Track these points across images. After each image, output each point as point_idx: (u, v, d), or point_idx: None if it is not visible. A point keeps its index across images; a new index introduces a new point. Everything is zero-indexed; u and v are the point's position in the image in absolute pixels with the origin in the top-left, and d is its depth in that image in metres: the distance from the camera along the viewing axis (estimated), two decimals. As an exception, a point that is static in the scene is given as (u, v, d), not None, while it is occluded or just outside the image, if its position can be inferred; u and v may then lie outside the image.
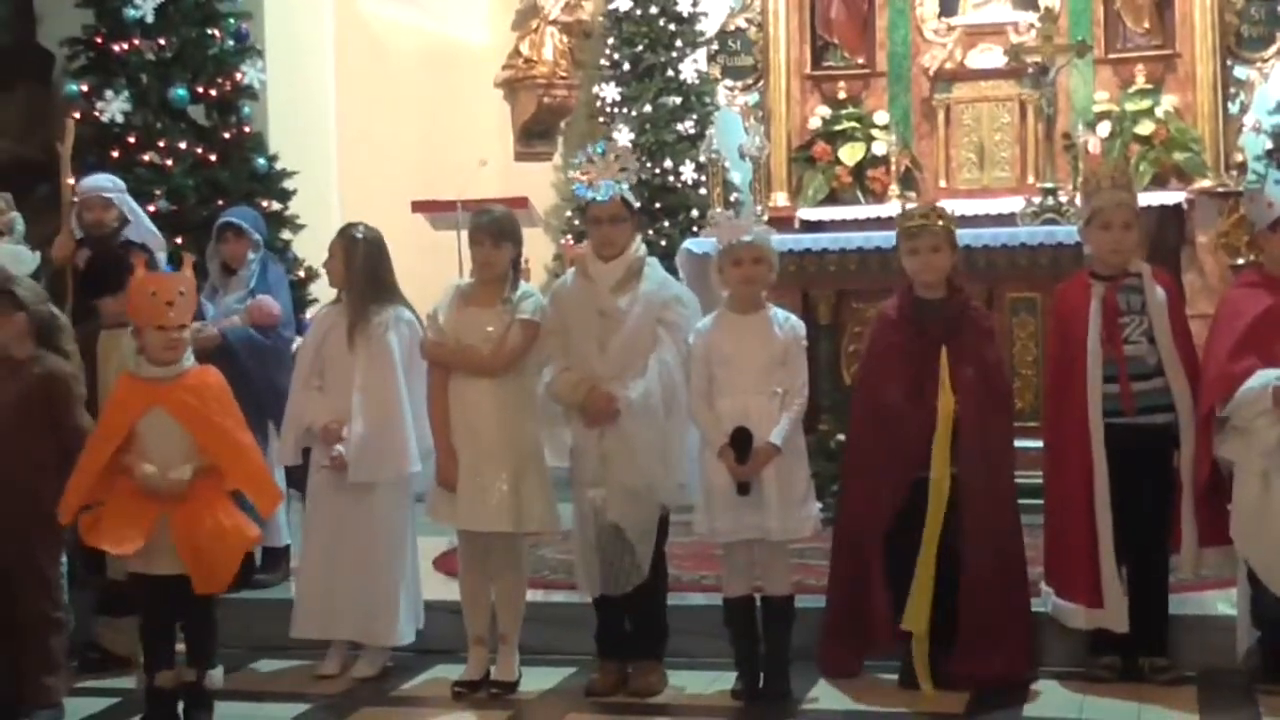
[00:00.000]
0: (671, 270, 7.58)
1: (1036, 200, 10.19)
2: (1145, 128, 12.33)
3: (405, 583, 6.79)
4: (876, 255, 8.90)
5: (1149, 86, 12.47)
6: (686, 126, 13.09)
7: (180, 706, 5.94)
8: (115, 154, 9.53)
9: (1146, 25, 12.62)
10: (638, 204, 6.64)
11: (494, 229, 6.50)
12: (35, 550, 6.09)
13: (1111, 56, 12.61)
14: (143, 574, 5.86)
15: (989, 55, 12.74)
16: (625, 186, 6.42)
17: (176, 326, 5.82)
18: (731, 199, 12.08)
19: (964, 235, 6.91)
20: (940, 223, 6.35)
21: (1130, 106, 12.42)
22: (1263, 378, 5.80)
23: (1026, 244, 8.77)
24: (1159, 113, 12.38)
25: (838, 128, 13.03)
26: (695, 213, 12.52)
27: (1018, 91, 12.54)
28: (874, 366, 6.58)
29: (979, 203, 12.14)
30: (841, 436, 7.06)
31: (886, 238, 8.26)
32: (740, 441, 5.96)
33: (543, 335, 6.40)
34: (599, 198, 6.36)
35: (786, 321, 6.29)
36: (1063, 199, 9.96)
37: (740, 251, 6.20)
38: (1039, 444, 6.51)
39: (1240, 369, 5.86)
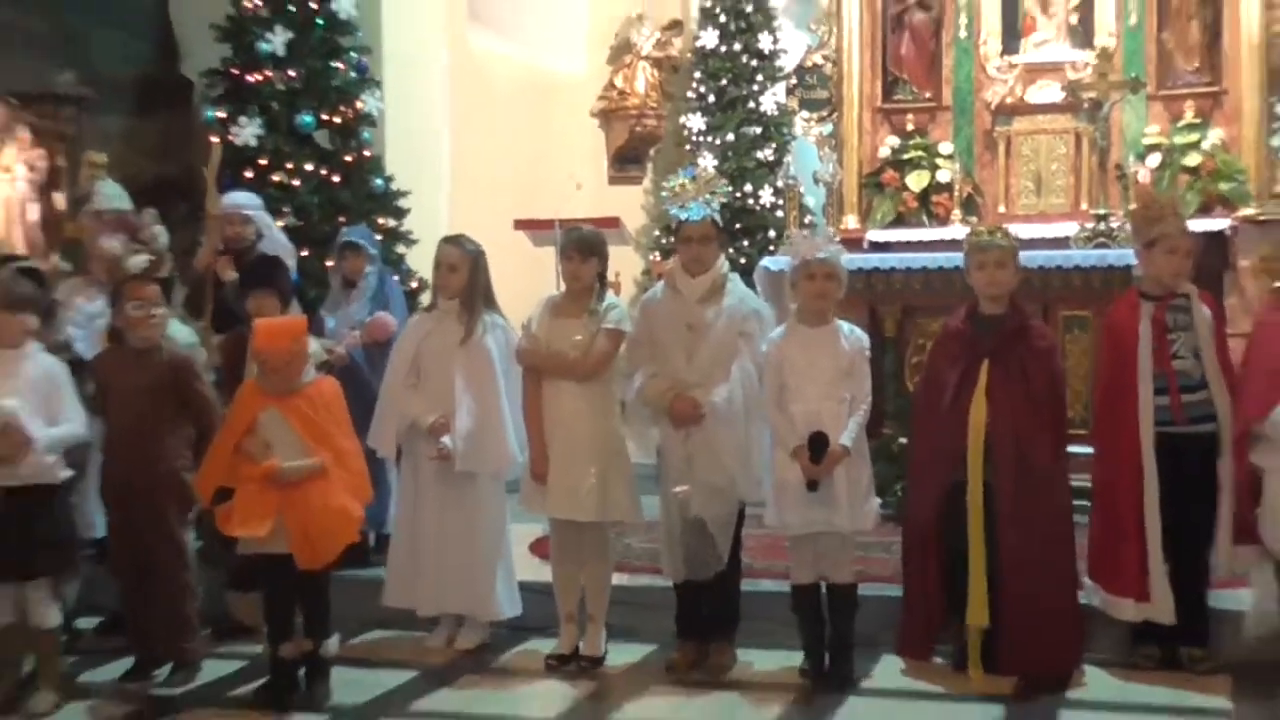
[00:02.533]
0: (750, 285, 7.60)
1: (1090, 225, 10.17)
2: (1193, 159, 12.13)
3: (503, 563, 6.87)
4: (939, 274, 8.92)
5: (1197, 121, 12.27)
6: (765, 154, 13.12)
7: (301, 672, 6.06)
8: (248, 174, 9.65)
9: (1196, 64, 12.46)
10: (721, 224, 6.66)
11: (582, 245, 6.58)
12: (169, 519, 6.21)
13: (1162, 93, 12.43)
14: (264, 554, 5.97)
15: (1047, 91, 12.56)
16: (714, 208, 6.49)
17: (270, 370, 5.96)
18: (806, 221, 12.04)
19: (1026, 256, 6.86)
20: (1006, 241, 6.38)
21: (1179, 139, 12.22)
22: None
23: (1080, 266, 8.74)
24: (1206, 145, 12.17)
25: (905, 156, 12.89)
26: (772, 233, 12.52)
27: (1073, 125, 12.37)
28: (930, 375, 6.62)
29: (1035, 227, 11.89)
30: (904, 440, 7.07)
31: (949, 258, 8.46)
32: (816, 444, 6.00)
33: (631, 344, 6.47)
34: (691, 218, 6.40)
35: (852, 334, 6.32)
36: (1114, 224, 9.92)
37: (814, 267, 6.22)
38: (1087, 450, 6.50)
39: (1266, 394, 5.84)
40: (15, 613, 5.90)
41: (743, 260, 11.79)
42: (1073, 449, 6.52)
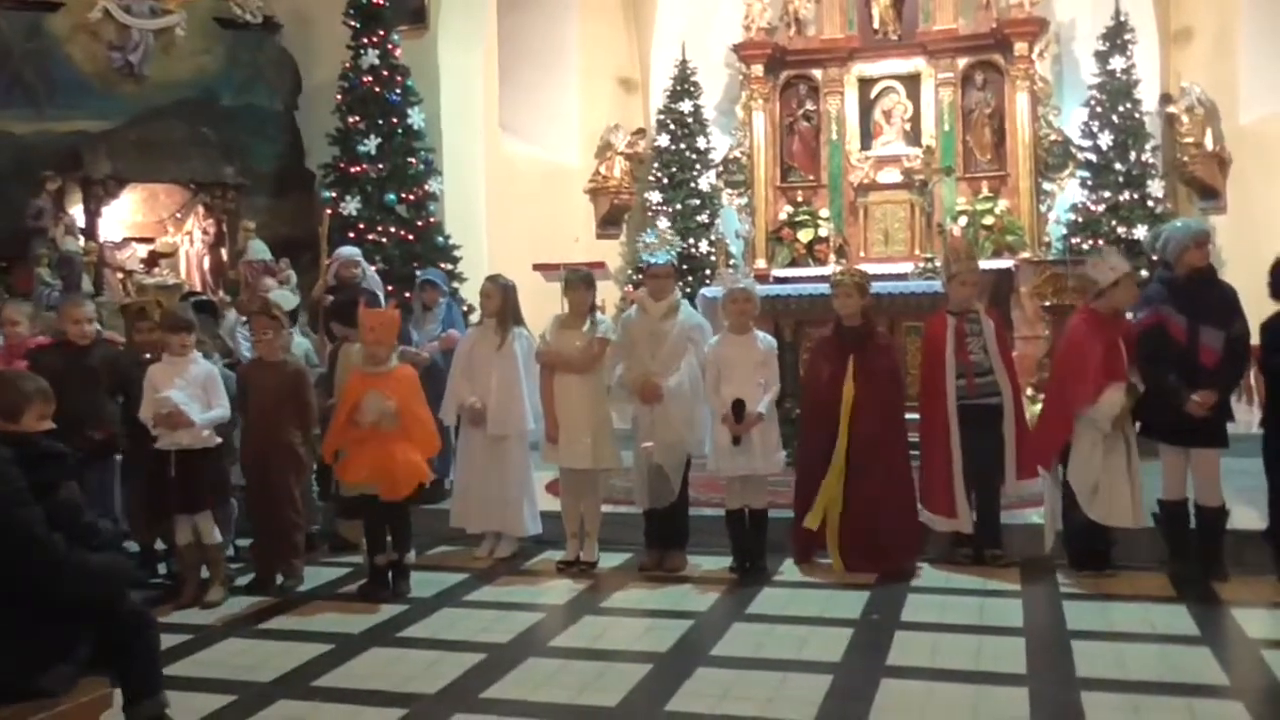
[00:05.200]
0: (694, 306, 7.50)
1: (921, 265, 10.14)
2: (989, 220, 12.27)
3: (528, 496, 6.73)
4: (820, 299, 8.74)
5: (990, 194, 12.42)
6: (702, 218, 13.04)
7: (389, 575, 5.95)
8: (351, 235, 9.52)
9: (989, 156, 12.60)
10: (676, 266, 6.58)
11: (580, 280, 6.52)
12: (289, 480, 6.08)
13: (967, 175, 12.57)
14: (364, 492, 5.87)
15: (890, 174, 12.68)
16: (673, 255, 6.44)
17: (374, 343, 5.86)
18: (730, 263, 12.09)
19: (878, 286, 6.87)
20: (850, 279, 6.32)
21: (979, 207, 12.37)
22: (1112, 398, 5.66)
23: (915, 292, 8.63)
24: (997, 210, 12.32)
25: (797, 219, 12.99)
26: (708, 272, 12.45)
27: (909, 197, 12.46)
28: (812, 367, 6.58)
29: (885, 266, 11.98)
30: (799, 411, 6.97)
31: (824, 289, 8.33)
32: (737, 409, 5.93)
33: (614, 348, 6.35)
34: (657, 261, 6.37)
35: (765, 339, 6.29)
36: (937, 264, 9.88)
37: (738, 294, 6.21)
38: (914, 416, 6.47)
39: (1095, 388, 5.70)
40: (192, 535, 5.79)
41: (687, 290, 11.67)
42: (910, 415, 6.46)
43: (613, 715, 4.11)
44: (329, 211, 9.31)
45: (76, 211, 9.36)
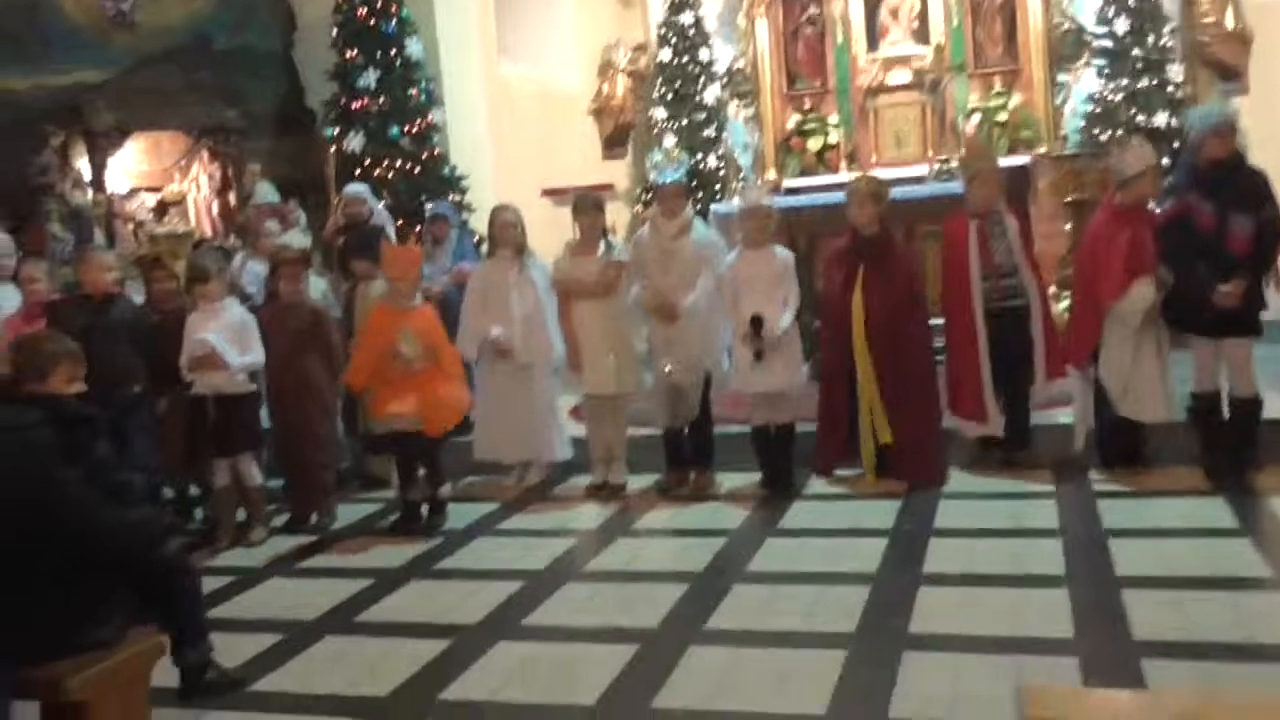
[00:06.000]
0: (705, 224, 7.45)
1: (937, 167, 10.01)
2: (1002, 116, 12.09)
3: (555, 422, 6.72)
4: (833, 209, 8.66)
5: (1003, 90, 12.22)
6: (709, 133, 12.85)
7: (424, 510, 5.98)
8: (357, 172, 9.39)
9: (1000, 50, 12.38)
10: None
11: (590, 204, 6.46)
12: (316, 420, 6.11)
13: (978, 71, 12.34)
14: (397, 429, 5.88)
15: (900, 74, 12.46)
16: (681, 173, 6.34)
17: (398, 279, 5.86)
18: (740, 177, 11.97)
19: (895, 191, 6.71)
20: (866, 187, 6.22)
21: (992, 103, 12.18)
22: (1140, 292, 5.58)
23: (932, 195, 8.51)
24: (1010, 105, 12.13)
25: (806, 127, 12.82)
26: (718, 187, 12.34)
27: (919, 98, 12.28)
28: (827, 279, 6.50)
29: (898, 170, 11.85)
30: (817, 323, 6.93)
31: (838, 198, 8.25)
32: (756, 324, 5.89)
33: (628, 268, 6.31)
34: (666, 179, 6.27)
35: (783, 253, 6.20)
36: (953, 165, 9.76)
37: (755, 210, 6.13)
38: (938, 321, 6.38)
39: (1122, 283, 5.62)
40: (231, 477, 5.86)
41: (699, 207, 11.59)
42: (933, 321, 6.39)
43: (655, 636, 4.15)
44: (333, 149, 9.22)
45: (82, 165, 9.31)
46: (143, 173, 10.14)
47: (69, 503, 3.07)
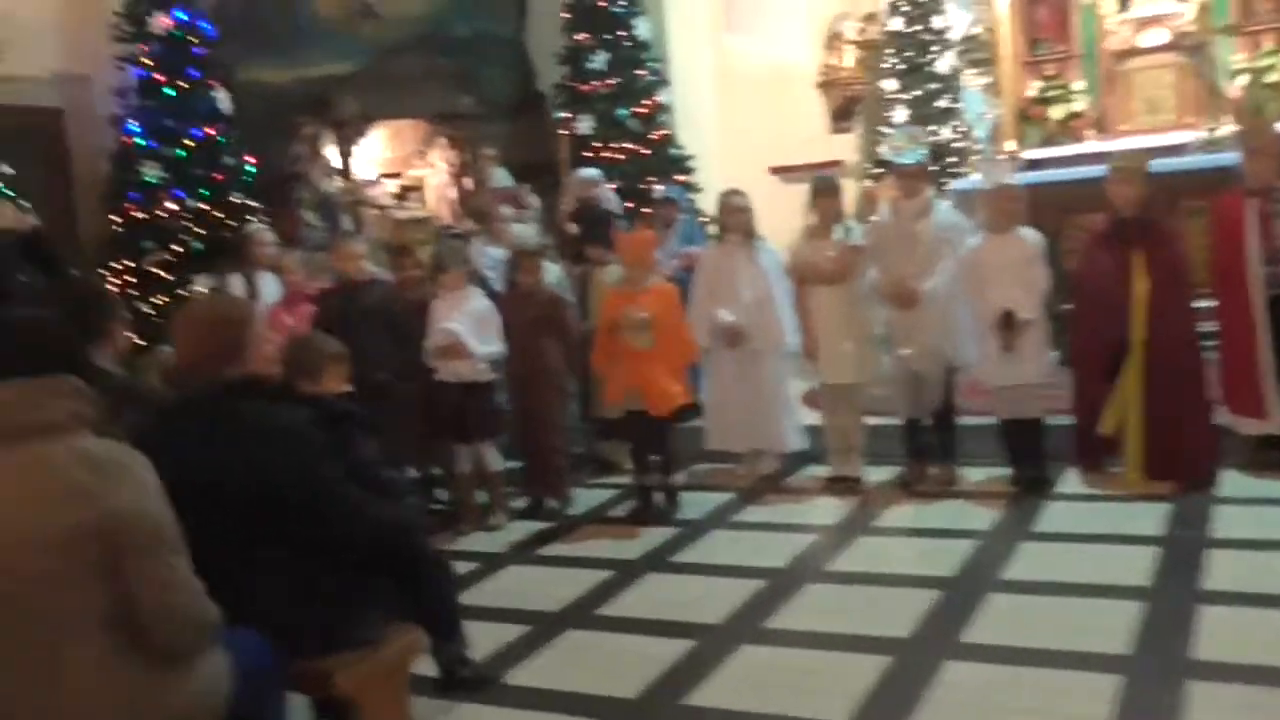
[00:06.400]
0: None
1: (1203, 135, 9.20)
2: (1273, 77, 11.07)
3: (788, 410, 6.55)
4: (1083, 185, 8.18)
5: (1275, 48, 11.19)
6: (942, 104, 12.38)
7: (656, 497, 5.94)
8: (587, 155, 9.44)
9: (1271, 4, 11.34)
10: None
11: (828, 188, 6.25)
12: (553, 406, 6.13)
13: (1245, 29, 11.35)
14: (632, 410, 5.86)
15: (1154, 35, 11.57)
16: (922, 153, 6.03)
17: (632, 264, 5.84)
18: (979, 152, 11.47)
19: (1154, 164, 6.12)
20: (1133, 164, 5.73)
21: (1262, 64, 11.17)
22: None
23: (1198, 168, 7.84)
24: None
25: (1048, 94, 12.11)
26: (952, 159, 11.84)
27: (1175, 60, 11.36)
28: (1088, 263, 5.94)
29: (1151, 138, 11.04)
30: (1069, 309, 6.47)
31: (1088, 172, 7.66)
32: (1006, 318, 5.57)
33: (867, 252, 6.05)
34: (905, 161, 5.98)
35: (1031, 236, 5.82)
36: (1219, 134, 9.00)
37: (1003, 191, 5.77)
38: (1206, 304, 5.85)
39: None
40: (473, 462, 5.95)
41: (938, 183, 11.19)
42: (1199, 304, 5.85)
43: (906, 647, 3.94)
44: (563, 133, 9.27)
45: (330, 154, 9.70)
46: (385, 159, 10.50)
47: (334, 500, 3.11)
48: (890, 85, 12.50)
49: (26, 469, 2.38)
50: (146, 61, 8.04)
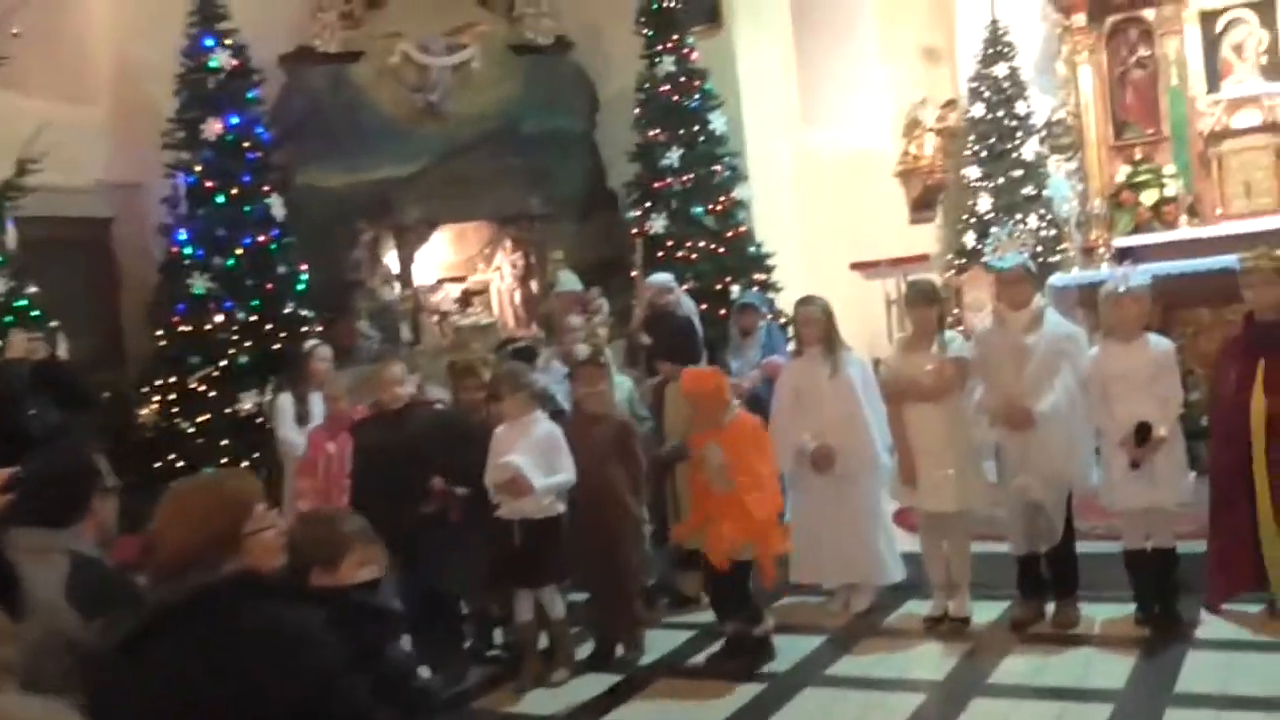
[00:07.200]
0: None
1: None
2: None
3: (885, 537, 5.88)
4: (1189, 278, 7.55)
5: None
6: (1028, 191, 11.74)
7: (740, 644, 5.24)
8: (660, 254, 8.96)
9: None
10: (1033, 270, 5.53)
11: (924, 296, 5.58)
12: (625, 541, 5.46)
13: None
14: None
15: (1248, 115, 11.05)
16: (1025, 256, 5.38)
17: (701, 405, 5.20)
18: (1065, 238, 10.91)
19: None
20: (1268, 263, 5.03)
21: None
22: None
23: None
24: None
25: (1137, 179, 11.51)
26: (1038, 248, 11.12)
27: (1273, 141, 10.85)
28: (1220, 371, 5.30)
29: (1249, 223, 10.52)
30: (1206, 423, 5.73)
31: (1201, 265, 7.46)
32: (1141, 431, 4.90)
33: (971, 366, 5.40)
34: (1004, 266, 5.34)
35: (1160, 343, 5.19)
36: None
37: (1128, 294, 5.11)
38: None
39: None
40: (534, 610, 5.31)
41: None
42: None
43: None
44: (636, 233, 8.79)
45: (391, 259, 9.29)
46: (448, 263, 10.07)
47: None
48: (973, 173, 11.92)
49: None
50: (197, 168, 7.69)
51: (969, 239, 11.11)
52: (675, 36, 9.45)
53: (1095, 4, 11.60)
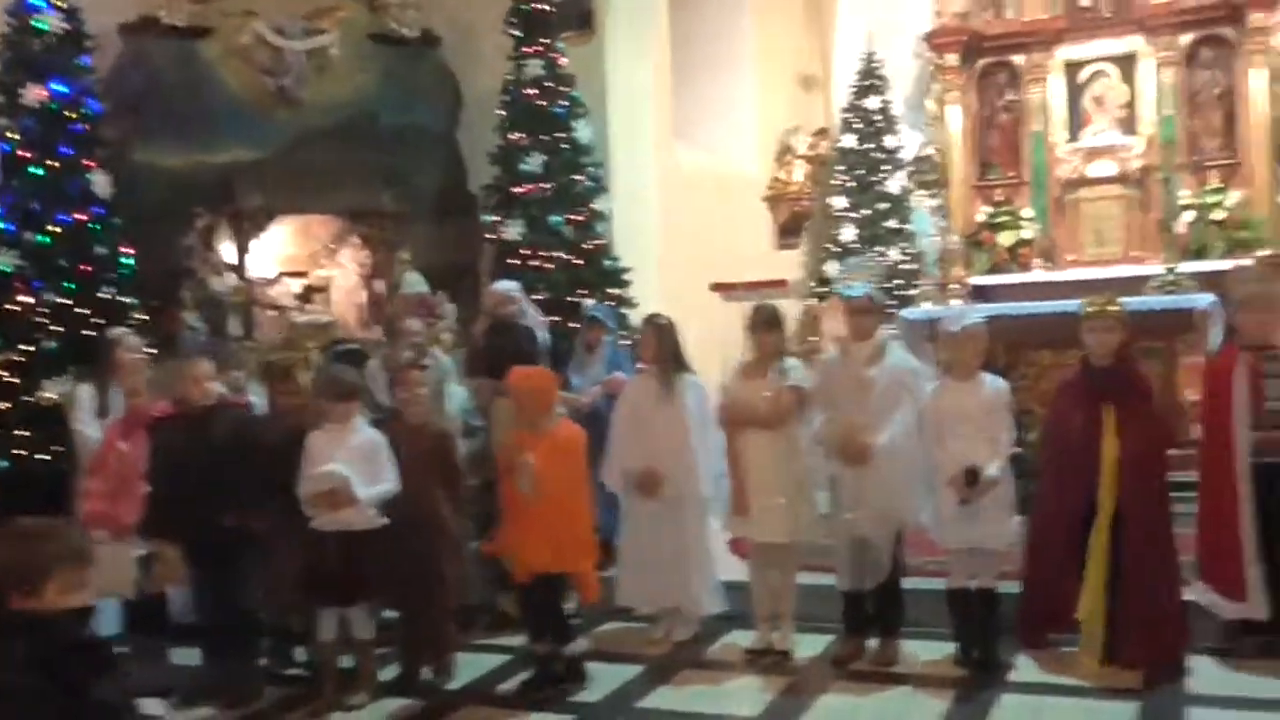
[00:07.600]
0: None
1: (1160, 275, 8.63)
2: (1219, 214, 10.95)
3: (707, 569, 5.72)
4: (1038, 320, 7.56)
5: (1220, 185, 11.10)
6: (892, 224, 11.89)
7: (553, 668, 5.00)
8: (514, 261, 8.68)
9: (1218, 143, 11.33)
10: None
11: (767, 321, 5.42)
12: (440, 560, 5.13)
13: (1193, 163, 11.33)
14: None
15: (1103, 166, 11.54)
16: (872, 287, 5.28)
17: (525, 408, 4.97)
18: (929, 280, 11.11)
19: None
20: (1115, 310, 5.05)
21: (1208, 200, 11.05)
22: None
23: (1155, 309, 7.22)
24: (1228, 203, 11.05)
25: (997, 220, 11.85)
26: (898, 282, 11.24)
27: (1124, 192, 11.39)
28: (1056, 415, 5.25)
29: (1096, 270, 10.88)
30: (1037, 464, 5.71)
31: (1043, 308, 7.49)
32: (970, 474, 4.85)
33: (811, 396, 5.27)
34: (853, 294, 5.25)
35: (994, 383, 5.14)
36: (1173, 273, 8.52)
37: (966, 333, 5.10)
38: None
39: None
40: (338, 629, 4.95)
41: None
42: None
43: None
44: (490, 237, 8.51)
45: (227, 248, 8.77)
46: (289, 257, 9.57)
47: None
48: (839, 202, 12.00)
49: None
50: (14, 136, 7.11)
51: (832, 267, 11.14)
52: (545, 40, 9.18)
53: (969, 46, 11.84)
